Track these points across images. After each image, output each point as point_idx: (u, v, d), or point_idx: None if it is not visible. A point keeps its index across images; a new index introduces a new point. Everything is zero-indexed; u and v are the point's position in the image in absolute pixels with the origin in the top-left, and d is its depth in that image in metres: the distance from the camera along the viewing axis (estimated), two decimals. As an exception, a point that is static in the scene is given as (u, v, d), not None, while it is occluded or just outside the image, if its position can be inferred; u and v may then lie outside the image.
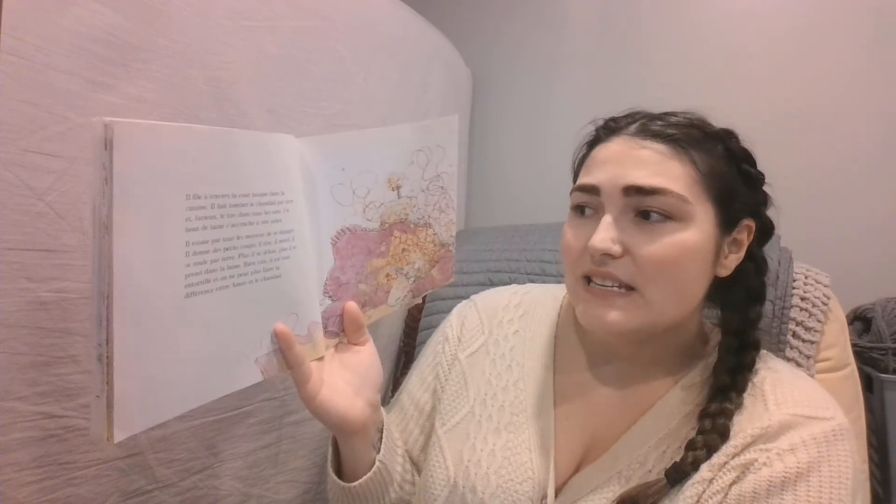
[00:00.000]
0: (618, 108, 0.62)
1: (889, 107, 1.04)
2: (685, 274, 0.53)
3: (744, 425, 0.53)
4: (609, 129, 0.60)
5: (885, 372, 0.88)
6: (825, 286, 0.81)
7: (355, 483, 0.59)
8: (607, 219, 0.53)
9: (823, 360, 0.79)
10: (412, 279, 0.65)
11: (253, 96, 0.69)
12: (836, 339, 0.80)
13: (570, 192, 0.59)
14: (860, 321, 0.97)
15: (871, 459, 0.86)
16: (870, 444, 0.86)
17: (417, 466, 0.67)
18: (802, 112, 1.09)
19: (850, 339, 0.84)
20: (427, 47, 1.10)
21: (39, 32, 0.48)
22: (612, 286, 0.54)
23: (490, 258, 1.01)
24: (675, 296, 0.54)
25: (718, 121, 0.60)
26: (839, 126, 1.07)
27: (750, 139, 0.60)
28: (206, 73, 0.62)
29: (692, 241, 0.53)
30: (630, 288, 0.53)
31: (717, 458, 0.52)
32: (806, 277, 0.81)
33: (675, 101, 0.60)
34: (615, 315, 0.53)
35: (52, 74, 0.49)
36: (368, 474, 0.59)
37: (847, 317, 0.96)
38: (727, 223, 0.56)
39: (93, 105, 0.52)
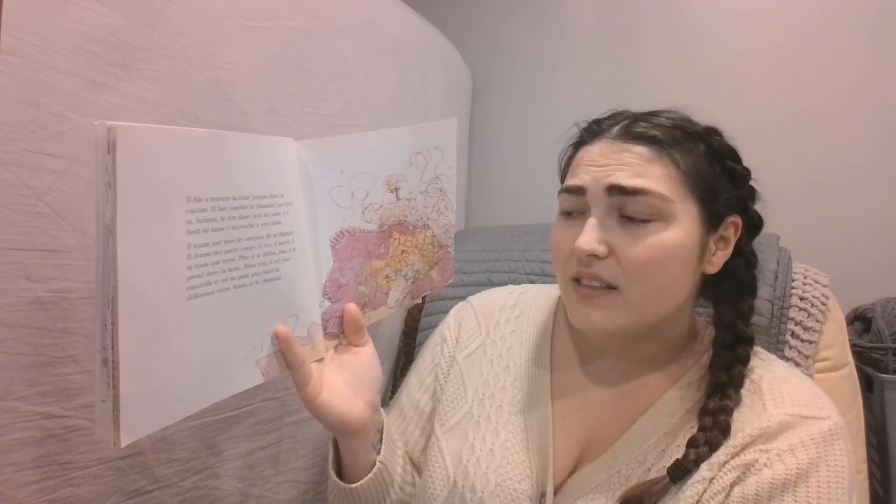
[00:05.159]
0: (622, 108, 0.62)
1: (889, 107, 1.04)
2: (667, 273, 0.54)
3: (743, 424, 0.53)
4: (592, 131, 0.60)
5: (885, 372, 0.88)
6: (824, 286, 0.81)
7: (356, 484, 0.59)
8: (592, 220, 0.54)
9: (822, 360, 0.79)
10: (411, 280, 0.65)
11: (253, 96, 0.69)
12: (835, 339, 0.80)
13: (558, 194, 0.60)
14: (860, 321, 0.97)
15: (870, 459, 0.86)
16: (870, 444, 0.86)
17: (418, 468, 0.67)
18: (802, 112, 1.09)
19: (851, 339, 0.84)
20: (427, 47, 1.10)
21: (39, 32, 0.48)
22: (596, 285, 0.54)
23: (490, 258, 1.01)
24: (657, 295, 0.54)
25: (717, 121, 0.60)
26: (839, 126, 1.07)
27: (749, 139, 0.60)
28: (206, 73, 0.62)
29: (675, 240, 0.53)
30: (613, 287, 0.54)
31: (716, 458, 0.52)
32: (805, 277, 0.82)
33: (675, 102, 0.60)
34: (599, 315, 0.54)
35: (52, 74, 0.49)
36: (369, 475, 0.59)
37: (847, 317, 0.96)
38: (712, 221, 0.56)
39: (93, 105, 0.52)
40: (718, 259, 0.58)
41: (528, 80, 1.33)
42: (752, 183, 0.60)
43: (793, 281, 0.81)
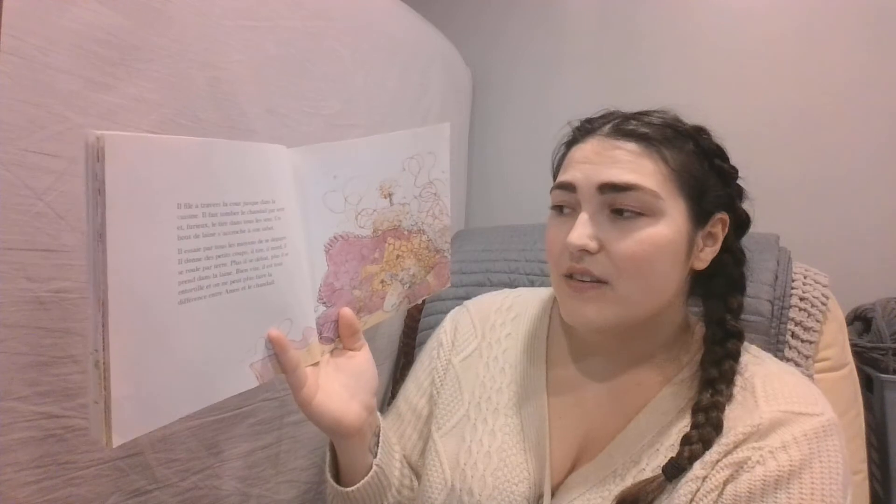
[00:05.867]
0: (618, 108, 0.62)
1: (889, 107, 1.04)
2: (657, 268, 0.54)
3: (735, 422, 0.53)
4: (584, 129, 0.61)
5: (885, 372, 0.88)
6: (824, 286, 0.81)
7: (352, 487, 0.59)
8: (583, 216, 0.55)
9: (822, 360, 0.79)
10: (407, 285, 0.65)
11: (253, 96, 0.69)
12: (835, 339, 0.80)
13: (550, 191, 0.60)
14: (860, 321, 0.97)
15: (870, 459, 0.86)
16: (870, 444, 0.86)
17: (416, 472, 0.67)
18: (802, 112, 1.09)
19: (851, 339, 0.84)
20: (427, 47, 1.10)
21: (39, 32, 0.48)
22: (587, 280, 0.55)
23: (489, 258, 1.01)
24: (647, 289, 0.55)
25: (717, 121, 0.60)
26: (839, 126, 1.07)
27: (749, 139, 0.61)
28: (206, 73, 0.62)
29: (664, 235, 0.54)
30: (603, 282, 0.54)
31: (709, 456, 0.52)
32: (805, 277, 0.82)
33: (675, 102, 0.61)
34: (591, 310, 0.55)
35: (52, 74, 0.49)
36: (365, 478, 0.59)
37: (847, 317, 0.96)
38: (700, 217, 0.57)
39: (93, 105, 0.52)
40: (706, 255, 0.58)
41: (528, 80, 1.33)
42: (739, 181, 0.61)
43: (793, 281, 0.81)
